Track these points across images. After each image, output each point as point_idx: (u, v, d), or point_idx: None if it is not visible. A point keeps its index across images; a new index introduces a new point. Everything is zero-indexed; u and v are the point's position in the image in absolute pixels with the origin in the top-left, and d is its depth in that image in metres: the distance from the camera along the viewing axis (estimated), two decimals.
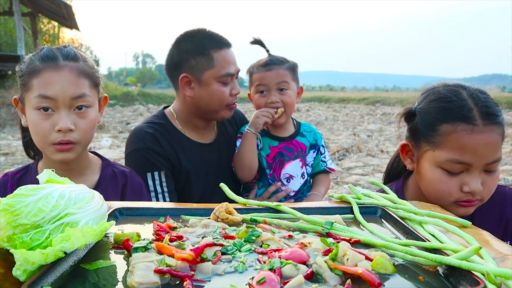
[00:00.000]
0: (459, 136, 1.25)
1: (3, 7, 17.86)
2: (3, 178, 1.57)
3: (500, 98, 17.96)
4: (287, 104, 2.08)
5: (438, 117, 1.31)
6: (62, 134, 1.41)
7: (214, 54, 1.92)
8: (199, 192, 2.02)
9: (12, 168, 5.72)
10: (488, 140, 1.25)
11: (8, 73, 16.68)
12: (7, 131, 10.41)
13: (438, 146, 1.30)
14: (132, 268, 0.69)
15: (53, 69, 1.42)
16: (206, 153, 2.06)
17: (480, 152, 1.24)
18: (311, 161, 2.21)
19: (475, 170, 1.27)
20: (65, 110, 1.42)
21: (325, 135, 9.25)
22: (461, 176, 1.29)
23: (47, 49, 1.48)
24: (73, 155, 1.46)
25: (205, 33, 1.99)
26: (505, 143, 7.30)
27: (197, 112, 2.01)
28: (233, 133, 2.21)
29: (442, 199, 1.31)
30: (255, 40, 2.19)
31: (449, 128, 1.28)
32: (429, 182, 1.34)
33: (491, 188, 1.31)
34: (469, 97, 1.30)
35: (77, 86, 1.44)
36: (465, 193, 1.28)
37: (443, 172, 1.30)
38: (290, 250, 0.77)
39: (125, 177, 1.65)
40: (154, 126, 1.98)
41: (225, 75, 1.93)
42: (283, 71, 2.07)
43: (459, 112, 1.28)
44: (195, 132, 2.06)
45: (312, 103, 23.69)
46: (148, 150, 1.90)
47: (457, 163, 1.26)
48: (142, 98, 21.48)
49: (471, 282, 0.66)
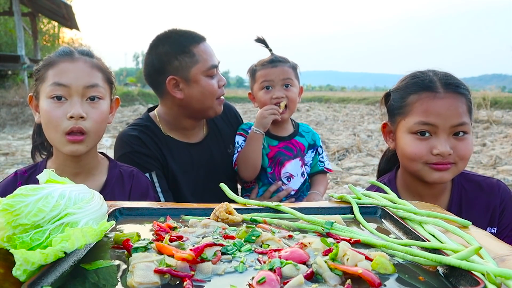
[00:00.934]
0: (423, 102, 1.41)
1: (3, 7, 17.87)
2: (12, 177, 1.58)
3: (500, 98, 17.99)
4: (291, 99, 2.10)
5: (407, 90, 1.48)
6: (74, 121, 1.42)
7: (194, 50, 1.89)
8: (189, 192, 2.01)
9: (12, 168, 5.72)
10: (450, 104, 1.39)
11: (8, 73, 16.69)
12: (7, 131, 10.42)
13: (407, 114, 1.45)
14: (132, 268, 0.70)
15: (68, 60, 1.48)
16: (195, 152, 2.03)
17: (443, 114, 1.38)
18: (309, 160, 2.22)
19: (442, 133, 1.39)
20: (78, 98, 1.44)
21: (325, 135, 9.25)
22: (430, 140, 1.41)
23: (64, 47, 1.56)
24: (84, 148, 1.46)
25: (178, 32, 1.96)
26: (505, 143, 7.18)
27: (188, 113, 1.97)
28: (226, 130, 2.18)
29: (414, 162, 1.43)
30: (259, 39, 2.20)
31: (415, 97, 1.44)
32: (403, 149, 1.47)
33: (463, 153, 1.40)
34: (433, 74, 1.47)
35: (91, 76, 1.48)
36: (435, 155, 1.39)
37: (413, 136, 1.43)
38: (290, 250, 0.77)
39: (132, 177, 1.65)
40: (139, 128, 1.95)
41: (210, 67, 1.91)
42: (287, 68, 2.11)
43: (423, 83, 1.45)
44: (181, 133, 2.03)
45: (312, 103, 23.71)
46: (135, 153, 1.88)
47: (424, 124, 1.40)
48: (142, 98, 21.49)
49: (471, 282, 0.66)
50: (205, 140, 2.09)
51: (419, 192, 1.53)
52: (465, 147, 1.41)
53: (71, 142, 1.44)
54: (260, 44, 2.21)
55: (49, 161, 1.60)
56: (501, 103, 17.28)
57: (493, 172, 5.42)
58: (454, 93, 1.41)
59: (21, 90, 13.18)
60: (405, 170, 1.55)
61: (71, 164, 1.52)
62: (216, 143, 2.12)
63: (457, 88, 1.42)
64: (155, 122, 2.01)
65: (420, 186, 1.51)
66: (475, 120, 11.88)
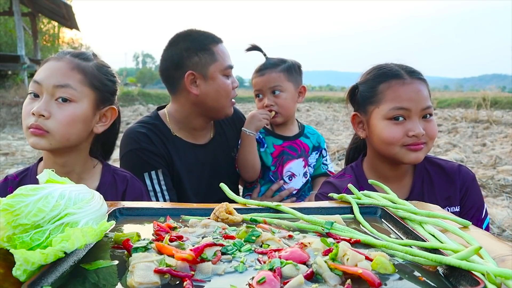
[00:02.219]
0: (394, 88, 1.53)
1: (3, 7, 17.87)
2: (2, 182, 1.56)
3: (500, 98, 17.98)
4: (281, 105, 2.13)
5: (376, 80, 1.59)
6: (35, 118, 1.41)
7: (214, 48, 1.94)
8: (193, 193, 2.02)
9: (12, 168, 5.72)
10: (418, 88, 1.52)
11: (8, 73, 16.68)
12: (7, 131, 10.42)
13: (380, 102, 1.55)
14: (132, 268, 0.69)
15: (55, 59, 1.47)
16: (201, 154, 2.04)
17: (414, 98, 1.50)
18: (313, 162, 2.26)
19: (414, 116, 1.50)
20: (47, 97, 1.42)
21: (325, 135, 9.24)
22: (404, 124, 1.51)
23: (70, 50, 1.56)
24: (45, 144, 1.43)
25: (199, 31, 2.00)
26: (505, 143, 7.18)
27: (201, 111, 1.99)
28: (231, 134, 2.20)
29: (392, 146, 1.53)
30: (251, 47, 2.21)
31: (385, 85, 1.55)
32: (379, 135, 1.56)
33: (432, 133, 1.53)
34: (395, 66, 1.61)
35: (63, 76, 1.44)
36: (410, 137, 1.49)
37: (389, 122, 1.53)
38: (290, 250, 0.77)
39: (126, 183, 1.63)
40: (147, 126, 1.97)
41: (227, 67, 1.95)
42: (275, 74, 2.12)
43: (390, 72, 1.57)
44: (190, 134, 2.04)
45: (312, 103, 23.68)
46: (142, 150, 1.89)
47: (398, 109, 1.50)
48: (142, 98, 21.47)
49: (471, 282, 0.66)
50: (211, 142, 2.10)
51: (384, 174, 1.63)
52: (433, 128, 1.54)
53: (33, 134, 1.42)
54: (254, 51, 2.22)
55: (40, 164, 1.59)
56: (501, 103, 17.29)
57: (493, 172, 5.41)
58: (418, 79, 1.55)
59: (21, 90, 13.16)
60: (374, 155, 1.65)
61: (58, 168, 1.47)
62: (221, 146, 2.13)
63: (419, 75, 1.56)
64: (164, 121, 2.03)
65: (386, 168, 1.62)
66: (475, 120, 11.88)
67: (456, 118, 12.53)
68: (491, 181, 4.88)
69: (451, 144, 7.89)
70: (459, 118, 12.53)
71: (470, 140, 8.56)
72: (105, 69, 1.56)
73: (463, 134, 9.48)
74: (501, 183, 4.81)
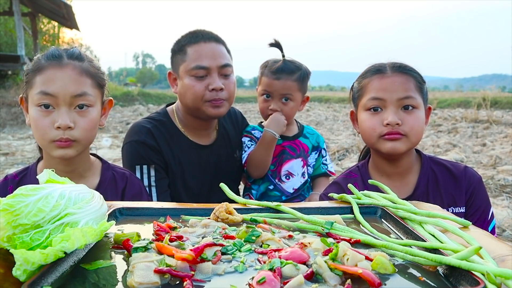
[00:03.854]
0: (373, 82, 1.59)
1: (3, 7, 17.85)
2: (2, 181, 1.56)
3: (500, 98, 17.98)
4: (286, 113, 2.14)
5: (362, 76, 1.66)
6: (61, 131, 1.41)
7: (188, 48, 1.92)
8: (195, 193, 2.02)
9: (12, 168, 5.72)
10: (395, 80, 1.55)
11: (8, 73, 16.67)
12: (7, 131, 10.41)
13: (362, 95, 1.62)
14: (132, 268, 0.70)
15: (56, 66, 1.44)
16: (204, 155, 2.05)
17: (389, 88, 1.54)
18: (312, 162, 2.26)
19: (391, 106, 1.53)
20: (65, 108, 1.42)
21: (325, 135, 9.24)
22: (381, 114, 1.55)
23: (53, 49, 1.51)
24: (73, 152, 1.46)
25: (192, 31, 2.00)
26: (505, 143, 7.17)
27: (185, 109, 2.01)
28: (234, 134, 2.20)
29: (370, 136, 1.57)
30: (273, 43, 2.17)
31: (367, 80, 1.62)
32: (361, 126, 1.62)
33: (411, 125, 1.52)
34: (386, 63, 1.63)
35: (79, 84, 1.44)
36: (385, 126, 1.52)
37: (368, 113, 1.58)
38: (290, 250, 0.77)
39: (125, 180, 1.64)
40: (153, 122, 1.99)
41: (194, 68, 1.88)
42: (290, 82, 2.10)
43: (375, 68, 1.63)
44: (194, 132, 2.05)
45: (312, 103, 23.68)
46: (141, 143, 1.90)
47: (374, 99, 1.56)
48: (142, 98, 21.48)
49: (471, 282, 0.66)
50: (214, 143, 2.11)
51: (386, 171, 1.64)
52: (413, 120, 1.53)
53: (59, 147, 1.43)
54: (275, 47, 2.18)
55: (40, 163, 1.59)
56: (501, 103, 17.29)
57: (493, 172, 5.41)
58: (400, 72, 1.57)
59: (21, 90, 13.13)
60: (373, 152, 1.67)
61: (61, 167, 1.48)
62: (224, 147, 2.13)
63: (403, 69, 1.58)
64: (171, 117, 2.05)
65: (385, 165, 1.63)
66: (475, 120, 11.87)
67: (456, 118, 12.53)
68: (491, 181, 4.88)
69: (451, 144, 7.89)
70: (459, 118, 12.54)
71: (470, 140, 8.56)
72: (95, 63, 1.56)
73: (463, 134, 9.48)
74: (501, 183, 4.81)
